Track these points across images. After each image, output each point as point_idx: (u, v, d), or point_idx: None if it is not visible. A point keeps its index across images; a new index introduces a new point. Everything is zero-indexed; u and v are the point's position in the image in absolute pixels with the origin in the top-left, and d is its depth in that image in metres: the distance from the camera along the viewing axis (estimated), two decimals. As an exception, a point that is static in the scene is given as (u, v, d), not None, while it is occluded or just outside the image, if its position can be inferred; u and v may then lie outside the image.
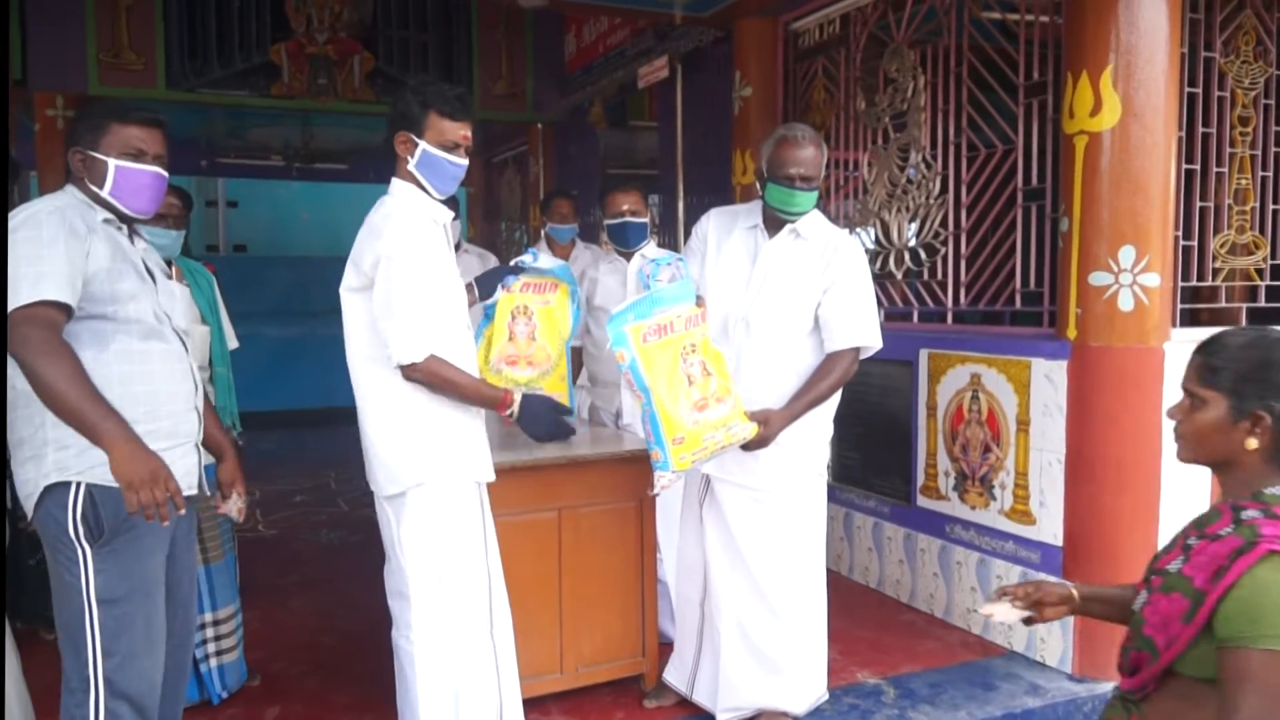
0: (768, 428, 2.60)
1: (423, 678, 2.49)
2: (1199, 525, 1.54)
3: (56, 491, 2.03)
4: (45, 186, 6.22)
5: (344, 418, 2.93)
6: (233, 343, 3.27)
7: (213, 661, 3.03)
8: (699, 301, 2.64)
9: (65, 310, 1.98)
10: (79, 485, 2.03)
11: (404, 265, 2.34)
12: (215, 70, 6.35)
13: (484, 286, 2.92)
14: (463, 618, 2.49)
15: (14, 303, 1.92)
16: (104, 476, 1.99)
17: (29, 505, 2.06)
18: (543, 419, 2.59)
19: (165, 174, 2.20)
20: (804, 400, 2.70)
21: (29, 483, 2.05)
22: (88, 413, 1.92)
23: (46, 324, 1.94)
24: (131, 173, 2.14)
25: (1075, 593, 1.80)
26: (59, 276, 1.96)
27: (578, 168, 7.08)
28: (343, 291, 2.46)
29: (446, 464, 2.46)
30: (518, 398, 2.52)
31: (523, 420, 2.54)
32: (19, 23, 5.71)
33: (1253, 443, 1.48)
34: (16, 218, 2.01)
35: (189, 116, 7.60)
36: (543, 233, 4.79)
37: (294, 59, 6.52)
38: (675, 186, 5.65)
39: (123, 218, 2.19)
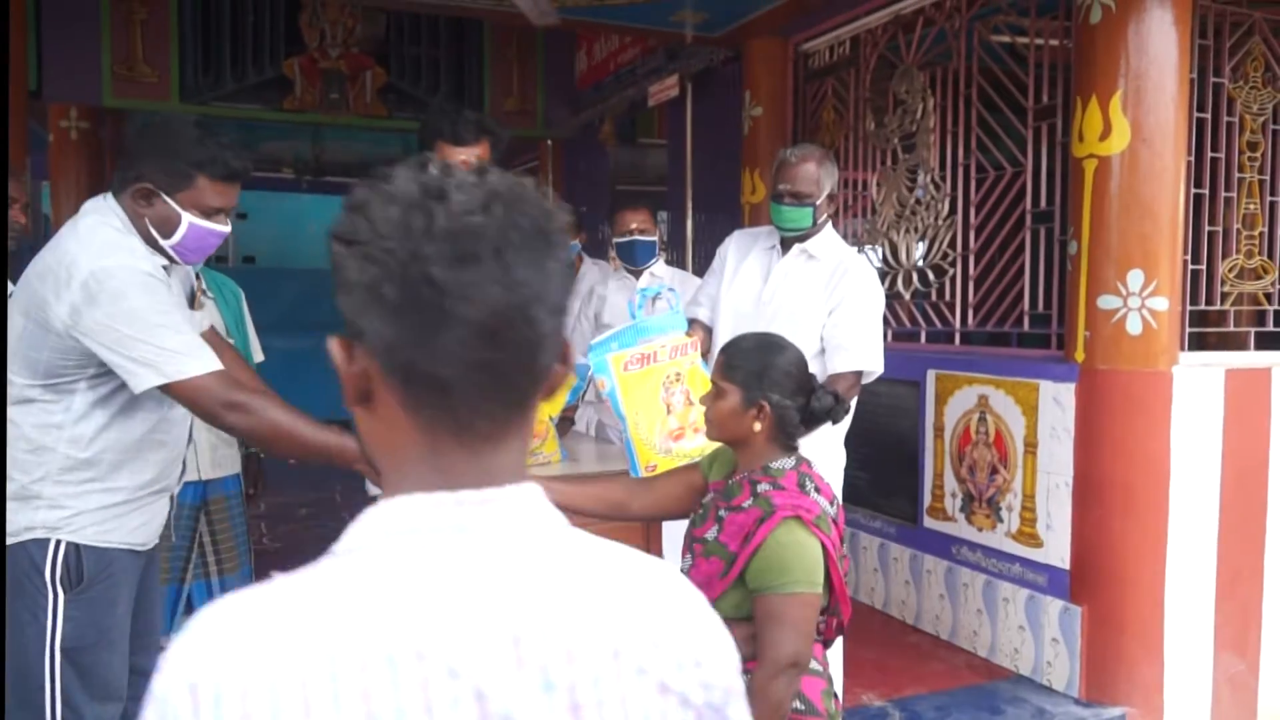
0: None
1: None
2: (726, 497, 1.85)
3: (40, 542, 1.90)
4: (58, 198, 6.27)
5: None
6: (258, 355, 3.26)
7: None
8: (691, 330, 2.63)
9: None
10: (61, 542, 1.90)
11: None
12: (228, 83, 6.41)
13: None
14: None
15: (193, 373, 1.83)
16: (91, 538, 1.90)
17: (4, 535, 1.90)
18: None
19: (229, 228, 2.01)
20: None
21: (14, 520, 1.89)
22: (332, 446, 1.87)
23: (240, 389, 1.87)
24: (203, 232, 1.93)
25: None
26: (200, 341, 1.88)
27: (587, 184, 7.11)
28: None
29: None
30: None
31: None
32: (35, 34, 5.76)
33: (758, 426, 1.83)
34: (112, 281, 1.79)
35: (201, 129, 7.65)
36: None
37: (307, 73, 6.57)
38: (684, 204, 5.67)
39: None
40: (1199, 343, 3.33)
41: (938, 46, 3.93)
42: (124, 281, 1.81)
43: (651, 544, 3.06)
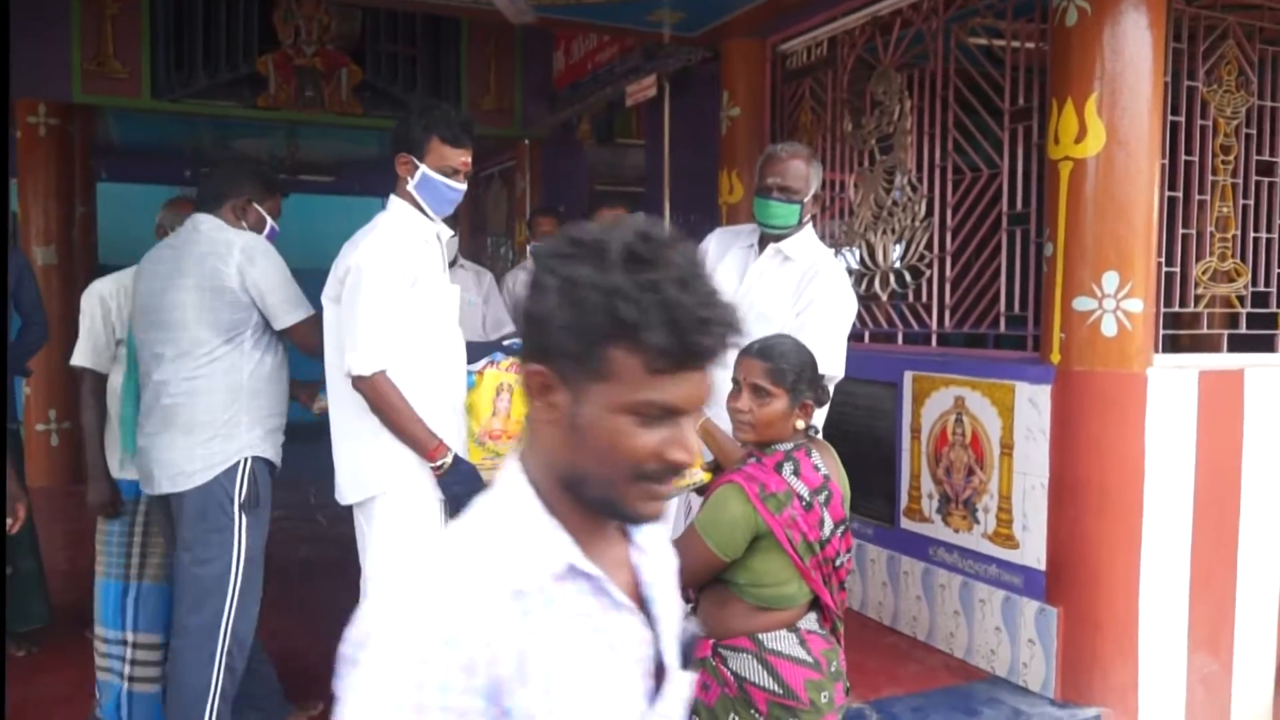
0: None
1: None
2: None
3: (232, 469, 2.55)
4: (26, 195, 6.17)
5: (324, 431, 2.91)
6: None
7: (125, 685, 2.87)
8: None
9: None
10: (249, 460, 2.58)
11: (371, 278, 2.35)
12: (201, 80, 6.33)
13: (472, 353, 2.87)
14: None
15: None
16: (269, 453, 2.65)
17: (191, 481, 2.53)
18: (469, 486, 2.42)
19: None
20: None
21: (221, 451, 2.55)
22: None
23: None
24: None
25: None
26: None
27: (564, 184, 7.08)
28: (324, 300, 2.49)
29: (407, 475, 2.43)
30: (450, 458, 2.42)
31: (448, 479, 2.43)
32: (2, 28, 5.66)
33: (800, 424, 1.98)
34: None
35: (173, 127, 7.56)
36: (528, 249, 4.78)
37: (281, 70, 6.50)
38: (662, 205, 5.65)
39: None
40: (1172, 344, 3.35)
41: (915, 48, 3.94)
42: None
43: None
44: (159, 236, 2.94)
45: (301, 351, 2.71)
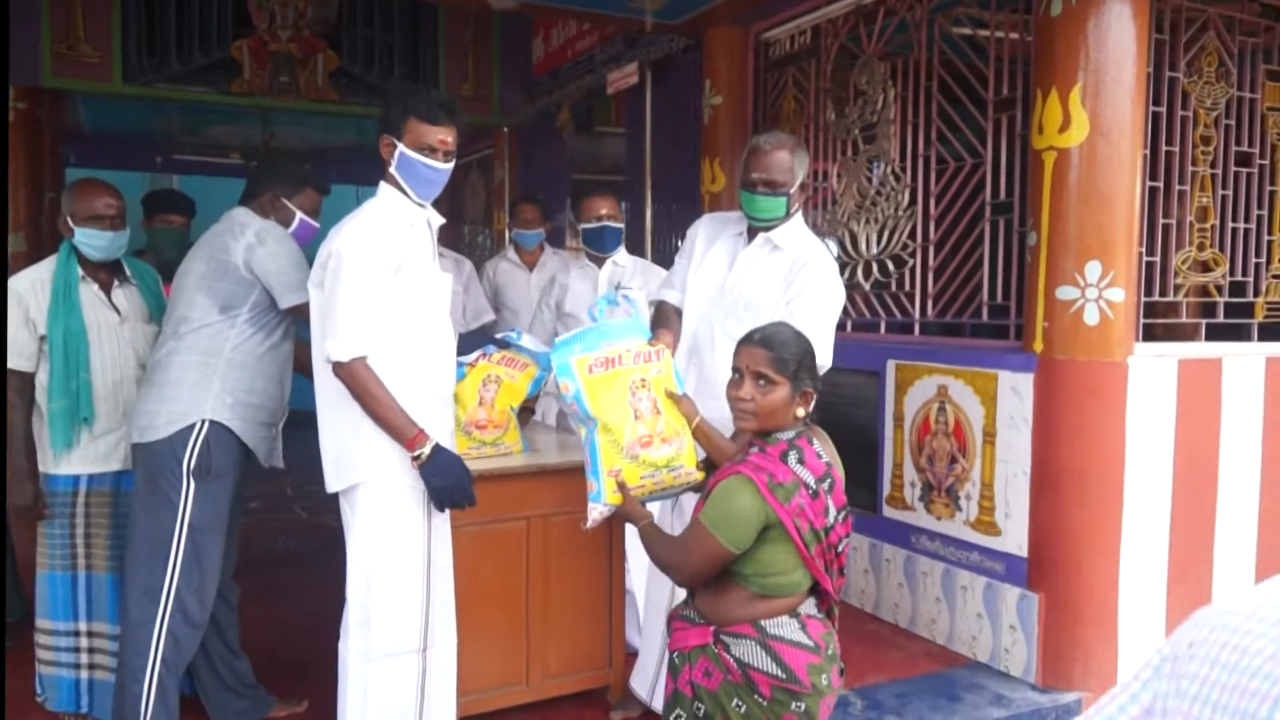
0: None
1: (346, 687, 2.48)
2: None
3: (186, 430, 2.59)
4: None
5: (299, 421, 2.89)
6: None
7: (83, 673, 2.86)
8: (655, 339, 2.52)
9: None
10: (205, 424, 2.61)
11: (351, 263, 2.34)
12: (174, 65, 6.22)
13: (464, 345, 2.84)
14: (388, 631, 2.45)
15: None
16: (230, 421, 2.66)
17: (155, 434, 2.59)
18: (449, 477, 2.43)
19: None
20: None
21: (176, 412, 2.60)
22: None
23: None
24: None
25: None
26: None
27: (543, 172, 7.04)
28: (309, 286, 2.47)
29: (390, 464, 2.41)
30: (429, 448, 2.39)
31: (428, 470, 2.39)
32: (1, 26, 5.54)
33: (801, 411, 2.00)
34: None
35: (145, 112, 7.44)
36: (509, 237, 4.75)
37: (256, 56, 6.41)
38: (643, 193, 5.63)
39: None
40: (1151, 333, 3.38)
41: (899, 37, 3.94)
42: None
43: (614, 538, 3.04)
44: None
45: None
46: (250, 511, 5.77)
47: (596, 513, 2.34)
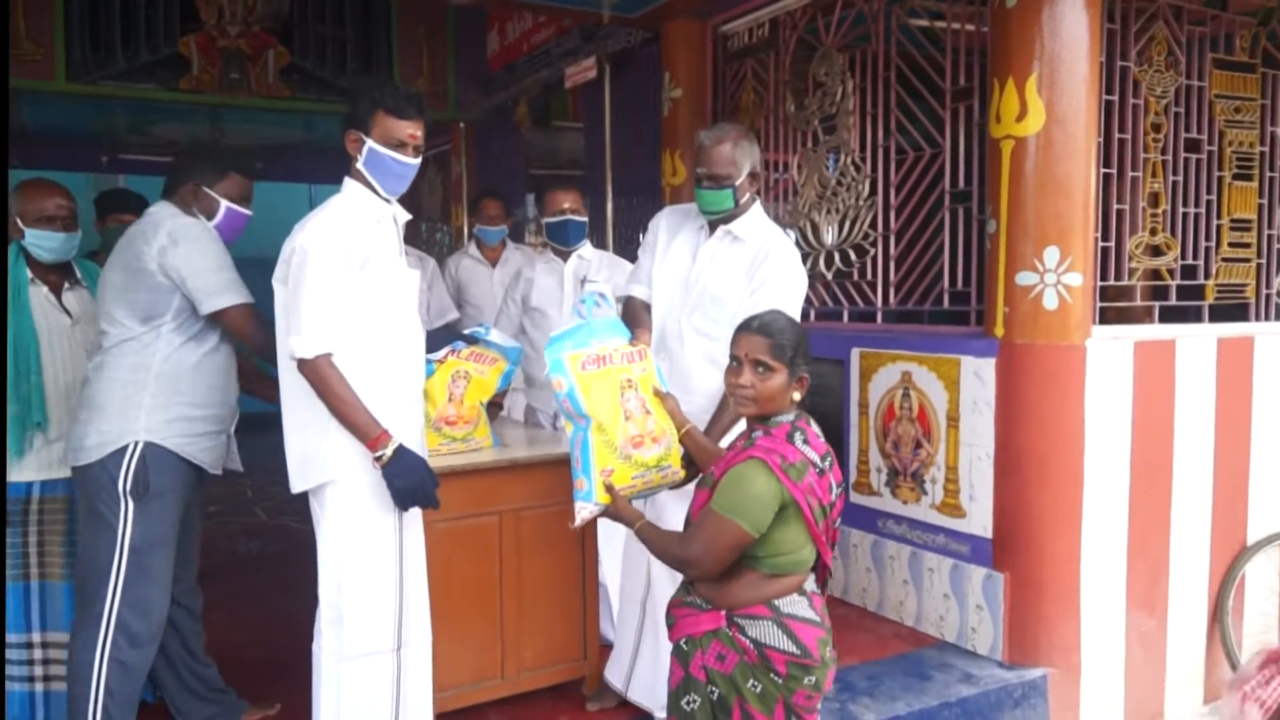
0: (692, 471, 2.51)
1: (320, 688, 2.47)
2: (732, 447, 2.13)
3: (119, 452, 2.49)
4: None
5: (256, 423, 2.84)
6: None
7: (38, 686, 2.80)
8: (635, 339, 2.52)
9: None
10: (138, 445, 2.51)
11: (315, 259, 2.31)
12: (119, 62, 6.06)
13: (430, 343, 2.78)
14: (362, 630, 2.44)
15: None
16: (166, 439, 2.55)
17: (87, 456, 2.50)
18: (411, 478, 2.39)
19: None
20: (719, 426, 2.63)
21: (107, 434, 2.50)
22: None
23: None
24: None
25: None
26: None
27: (501, 167, 7.00)
28: (274, 283, 2.43)
29: (356, 463, 2.39)
30: (392, 449, 2.35)
31: (390, 470, 2.36)
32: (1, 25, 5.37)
33: (797, 396, 2.05)
34: None
35: (90, 110, 7.25)
36: (470, 233, 4.72)
37: (204, 52, 6.27)
38: (603, 187, 5.63)
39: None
40: (1105, 317, 3.46)
41: (857, 29, 3.98)
42: None
43: (586, 531, 3.04)
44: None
45: (240, 340, 2.65)
46: (210, 515, 5.67)
47: (586, 512, 2.31)
